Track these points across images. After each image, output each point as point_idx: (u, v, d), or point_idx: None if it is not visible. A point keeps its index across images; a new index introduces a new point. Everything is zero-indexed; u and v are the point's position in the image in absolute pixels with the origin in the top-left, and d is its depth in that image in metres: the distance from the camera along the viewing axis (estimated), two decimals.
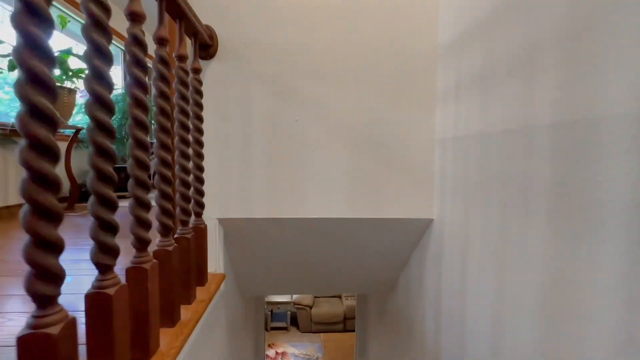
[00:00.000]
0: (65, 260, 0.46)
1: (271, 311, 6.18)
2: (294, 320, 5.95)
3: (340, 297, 6.00)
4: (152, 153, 0.78)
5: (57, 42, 2.55)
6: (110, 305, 0.55)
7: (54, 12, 0.70)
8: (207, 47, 1.25)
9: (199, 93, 1.09)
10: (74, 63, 2.25)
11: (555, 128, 0.69)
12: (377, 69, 1.36)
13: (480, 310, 1.00)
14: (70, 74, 2.19)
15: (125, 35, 0.68)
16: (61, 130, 2.41)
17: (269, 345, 5.16)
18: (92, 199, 0.55)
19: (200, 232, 1.09)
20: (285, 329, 5.72)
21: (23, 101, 0.42)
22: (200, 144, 1.10)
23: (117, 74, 3.54)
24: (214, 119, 1.32)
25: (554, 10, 0.70)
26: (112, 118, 0.57)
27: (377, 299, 2.61)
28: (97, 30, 0.54)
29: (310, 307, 5.63)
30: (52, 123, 0.44)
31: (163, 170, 0.81)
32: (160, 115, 0.80)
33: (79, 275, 1.16)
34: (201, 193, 1.11)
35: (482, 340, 0.98)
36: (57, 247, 0.45)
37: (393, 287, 2.10)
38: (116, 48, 3.35)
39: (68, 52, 2.15)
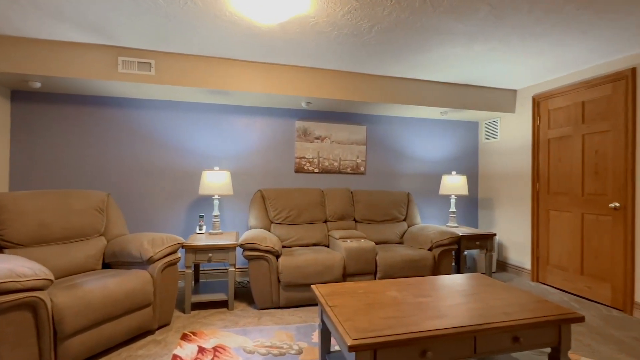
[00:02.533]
0: None
1: (195, 273, 3.22)
2: (244, 292, 3.07)
3: (337, 237, 3.29)
4: None
5: None
6: None
7: None
8: None
9: None
10: None
11: None
12: None
13: None
14: None
15: None
16: None
17: (185, 337, 2.26)
18: None
19: None
20: (224, 304, 2.87)
21: None
22: None
23: None
24: None
25: None
26: None
27: None
28: None
29: (277, 256, 2.83)
30: None
31: None
32: None
33: None
34: None
35: None
36: None
37: None
38: None
39: None
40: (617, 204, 2.86)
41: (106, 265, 2.50)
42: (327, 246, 3.40)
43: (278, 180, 3.76)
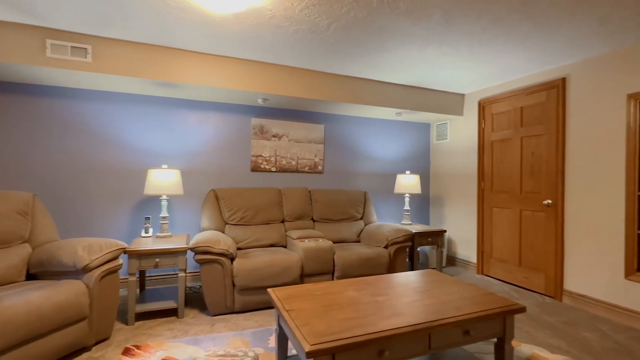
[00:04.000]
0: None
1: (141, 280, 2.98)
2: (196, 298, 2.90)
3: (295, 237, 3.23)
4: None
5: None
6: None
7: None
8: None
9: None
10: None
11: None
12: None
13: None
14: None
15: None
16: None
17: (127, 352, 2.06)
18: None
19: None
20: (174, 312, 2.68)
21: None
22: None
23: None
24: None
25: None
26: None
27: None
28: None
29: (232, 258, 2.71)
30: None
31: None
32: None
33: None
34: None
35: None
36: None
37: None
38: None
39: None
40: (550, 201, 3.15)
41: (31, 277, 2.20)
42: (285, 247, 3.33)
43: (233, 180, 3.60)
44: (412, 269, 3.53)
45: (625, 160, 2.61)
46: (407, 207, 3.96)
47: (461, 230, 4.16)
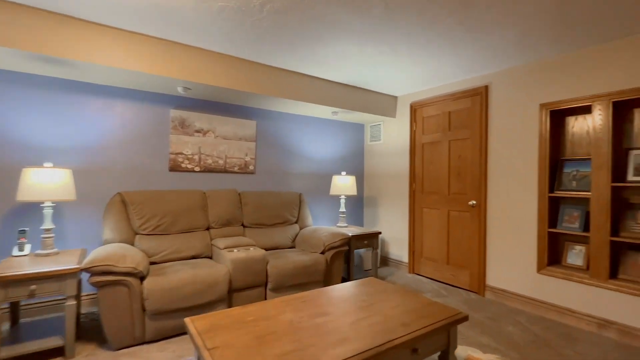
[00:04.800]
0: None
1: (13, 312, 2.30)
2: (93, 328, 2.36)
3: (222, 246, 2.85)
4: None
5: None
6: None
7: None
8: None
9: None
10: None
11: None
12: None
13: None
14: None
15: None
16: None
17: None
18: None
19: None
20: (59, 351, 2.09)
21: None
22: None
23: None
24: None
25: None
26: None
27: None
28: None
29: (142, 277, 2.23)
30: None
31: None
32: None
33: None
34: None
35: None
36: None
37: None
38: None
39: None
40: (474, 202, 3.32)
41: None
42: (211, 257, 2.93)
43: (147, 181, 3.05)
44: (348, 273, 3.43)
45: (538, 164, 2.85)
46: (342, 209, 3.86)
47: (394, 230, 4.22)
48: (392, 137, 4.27)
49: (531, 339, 2.38)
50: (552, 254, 2.87)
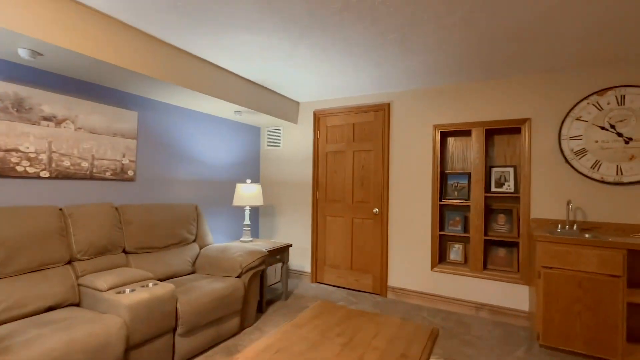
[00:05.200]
0: None
1: None
2: None
3: (106, 286, 2.00)
4: None
5: None
6: None
7: None
8: None
9: None
10: None
11: None
12: None
13: None
14: None
15: None
16: None
17: None
18: None
19: None
20: None
21: None
22: None
23: None
24: None
25: None
26: None
27: None
28: None
29: None
30: None
31: None
32: None
33: None
34: None
35: None
36: None
37: None
38: None
39: None
40: (377, 210, 3.56)
41: None
42: (78, 305, 2.02)
43: None
44: (261, 296, 3.05)
45: (432, 177, 3.29)
46: (247, 221, 3.43)
47: (294, 240, 4.07)
48: (293, 143, 4.12)
49: (440, 332, 2.70)
50: (440, 253, 3.37)
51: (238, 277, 2.61)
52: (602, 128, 2.62)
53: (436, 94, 3.30)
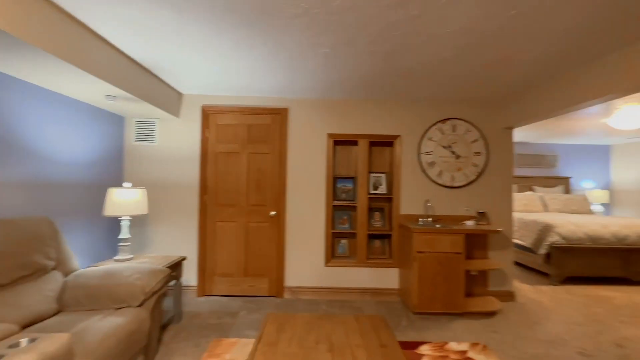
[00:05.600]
0: None
1: None
2: None
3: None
4: None
5: None
6: None
7: None
8: None
9: None
10: None
11: None
12: None
13: None
14: None
15: None
16: None
17: None
18: None
19: None
20: None
21: None
22: None
23: None
24: None
25: None
26: None
27: None
28: None
29: None
30: None
31: None
32: None
33: None
34: None
35: None
36: None
37: None
38: None
39: None
40: (274, 212, 3.59)
41: None
42: None
43: None
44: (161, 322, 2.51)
45: (326, 180, 3.61)
46: (126, 234, 2.75)
47: (176, 251, 3.55)
48: (173, 139, 3.57)
49: None
50: (331, 249, 3.74)
51: (139, 305, 2.09)
52: (444, 147, 3.63)
53: (330, 105, 3.64)
